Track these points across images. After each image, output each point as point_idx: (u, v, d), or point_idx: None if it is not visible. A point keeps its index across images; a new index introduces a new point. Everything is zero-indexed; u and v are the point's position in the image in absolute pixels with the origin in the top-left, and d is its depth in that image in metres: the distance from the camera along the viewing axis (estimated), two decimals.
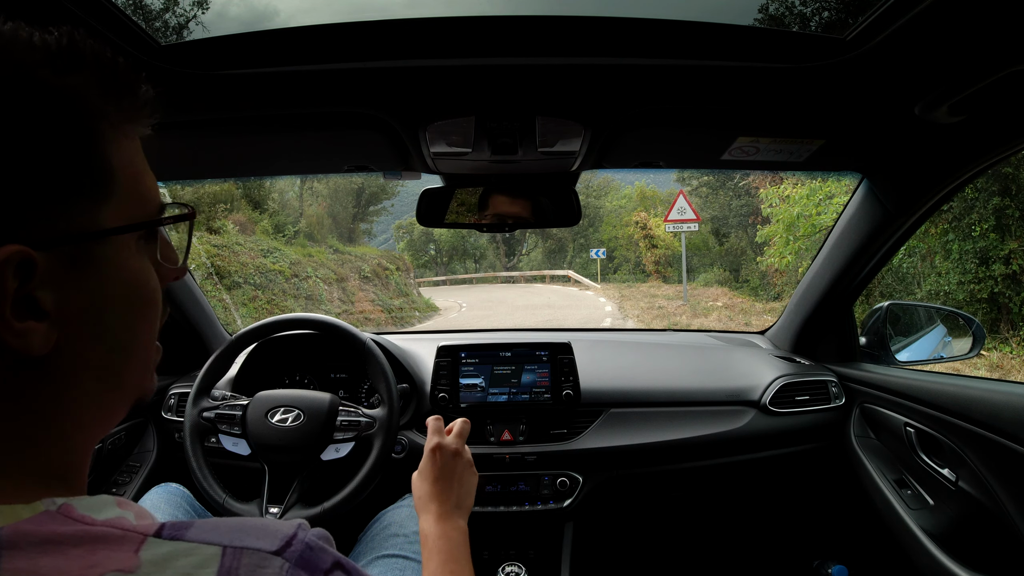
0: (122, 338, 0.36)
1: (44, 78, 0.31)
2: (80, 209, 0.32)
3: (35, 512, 0.30)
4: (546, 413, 1.33)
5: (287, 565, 0.32)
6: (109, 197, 0.34)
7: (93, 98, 0.33)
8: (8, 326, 0.30)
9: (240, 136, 1.01)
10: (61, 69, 0.31)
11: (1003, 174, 6.30)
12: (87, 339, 0.34)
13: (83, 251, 0.33)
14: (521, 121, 0.94)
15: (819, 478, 1.47)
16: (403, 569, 0.92)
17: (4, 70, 0.30)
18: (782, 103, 0.90)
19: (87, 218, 0.33)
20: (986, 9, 0.64)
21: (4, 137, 0.29)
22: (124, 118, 0.35)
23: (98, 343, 0.35)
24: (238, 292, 9.19)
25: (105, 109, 0.33)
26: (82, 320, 0.33)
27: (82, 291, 0.33)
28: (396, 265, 14.92)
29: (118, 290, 0.35)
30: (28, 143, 0.30)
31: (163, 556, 0.31)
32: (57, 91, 0.31)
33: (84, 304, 0.33)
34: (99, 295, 0.34)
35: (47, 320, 0.32)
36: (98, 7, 0.62)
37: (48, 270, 0.31)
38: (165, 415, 1.38)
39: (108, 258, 0.34)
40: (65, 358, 0.33)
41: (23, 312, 0.31)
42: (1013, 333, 6.33)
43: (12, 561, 0.28)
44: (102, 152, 0.33)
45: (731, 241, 18.13)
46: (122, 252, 0.35)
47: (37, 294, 0.31)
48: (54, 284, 0.32)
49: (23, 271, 0.30)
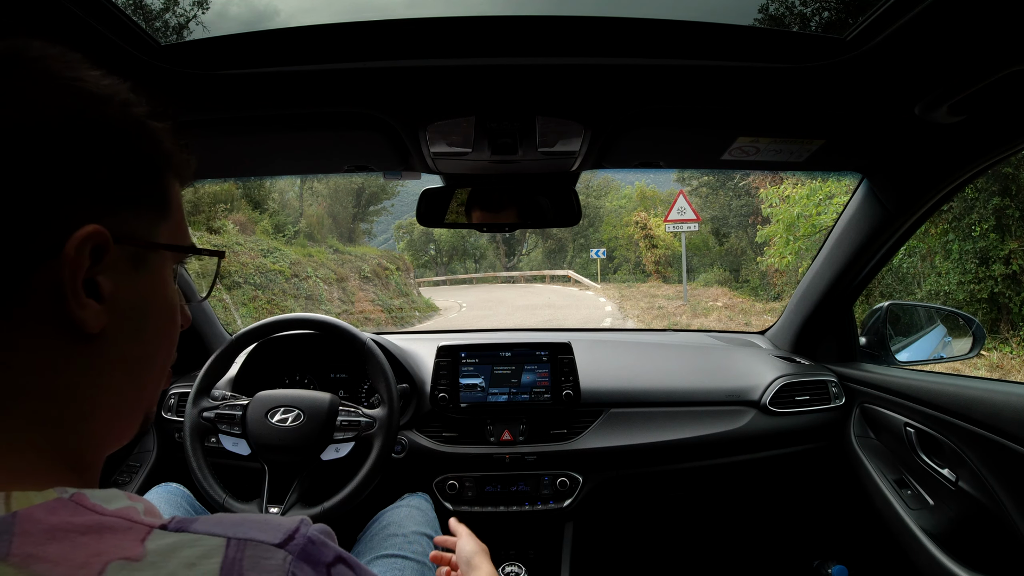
0: (153, 344, 0.41)
1: (141, 116, 0.38)
2: (146, 221, 0.39)
3: (47, 499, 0.31)
4: (546, 413, 1.33)
5: (290, 557, 0.33)
6: (165, 220, 0.40)
7: (167, 142, 0.40)
8: (77, 297, 0.34)
9: (240, 136, 1.01)
10: (151, 115, 0.39)
11: (1003, 174, 6.30)
12: (128, 334, 0.38)
13: (142, 254, 0.38)
14: (521, 121, 0.94)
15: (819, 478, 1.47)
16: (402, 569, 0.93)
17: (114, 96, 0.37)
18: (782, 103, 0.90)
19: (148, 229, 0.39)
20: (986, 9, 0.64)
21: (108, 146, 0.36)
22: (180, 165, 0.42)
23: (135, 343, 0.39)
24: (238, 292, 9.19)
25: (172, 153, 0.40)
26: (128, 316, 0.38)
27: (134, 289, 0.38)
28: (396, 265, 14.93)
29: (158, 301, 0.41)
30: (122, 156, 0.36)
31: (168, 546, 0.31)
32: (149, 128, 0.38)
33: (133, 301, 0.38)
34: (145, 298, 0.39)
35: (103, 304, 0.36)
36: (98, 7, 0.62)
37: (114, 260, 0.36)
38: (165, 415, 1.38)
39: (157, 269, 0.40)
40: (106, 346, 0.37)
41: (86, 290, 0.35)
42: (1013, 333, 6.33)
43: (21, 547, 0.29)
44: (166, 183, 0.40)
45: (731, 241, 18.13)
46: (166, 269, 0.41)
47: (99, 279, 0.35)
48: (115, 274, 0.36)
49: (96, 254, 0.34)
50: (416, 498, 1.17)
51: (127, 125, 0.37)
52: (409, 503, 1.14)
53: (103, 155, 0.35)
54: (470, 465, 1.31)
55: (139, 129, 0.38)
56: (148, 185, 0.39)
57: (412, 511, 1.10)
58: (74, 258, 0.33)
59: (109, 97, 0.36)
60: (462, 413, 1.32)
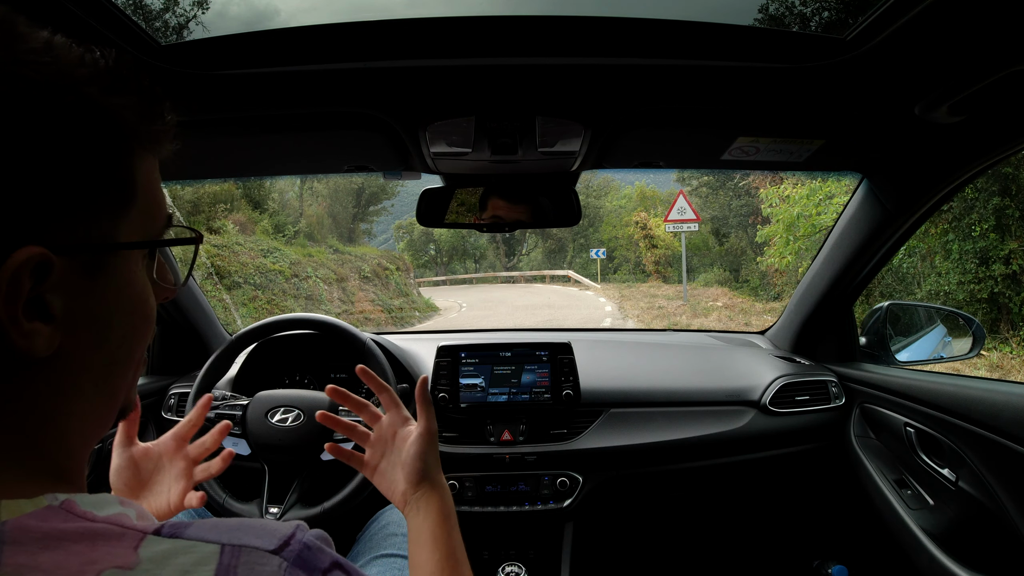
0: (120, 349, 0.37)
1: (91, 95, 0.33)
2: (101, 220, 0.34)
3: (38, 507, 0.31)
4: (546, 413, 1.33)
5: (285, 564, 0.33)
6: (129, 210, 0.36)
7: (130, 119, 0.35)
8: (18, 326, 0.31)
9: (240, 136, 1.01)
10: (107, 89, 0.33)
11: (1003, 174, 6.30)
12: (89, 346, 0.35)
13: (97, 261, 0.34)
14: (521, 121, 0.94)
15: (819, 478, 1.47)
16: (402, 568, 0.93)
17: (56, 82, 0.31)
18: (782, 103, 0.90)
19: (105, 229, 0.34)
20: (986, 9, 0.64)
21: (43, 145, 0.31)
22: (152, 139, 0.37)
23: (98, 351, 0.36)
24: (238, 292, 9.19)
25: (139, 130, 0.36)
26: (86, 327, 0.34)
27: (90, 299, 0.34)
28: (396, 265, 14.93)
29: (123, 303, 0.37)
30: (65, 153, 0.32)
31: (162, 553, 0.31)
32: (102, 109, 0.33)
33: (91, 312, 0.34)
34: (105, 305, 0.35)
35: (53, 323, 0.32)
36: (98, 7, 0.62)
37: (62, 275, 0.32)
38: (165, 415, 1.38)
39: (118, 270, 0.36)
40: (66, 362, 0.34)
41: (31, 313, 0.31)
42: (1013, 333, 6.33)
43: (13, 556, 0.28)
44: (130, 167, 0.36)
45: (731, 241, 18.12)
46: (131, 266, 0.37)
47: (47, 297, 0.32)
48: (65, 289, 0.33)
49: (38, 273, 0.31)
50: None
51: (74, 112, 0.32)
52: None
53: (43, 155, 0.30)
54: (470, 465, 1.31)
55: (90, 113, 0.32)
56: (105, 175, 0.34)
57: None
58: (7, 291, 0.30)
59: (51, 83, 0.31)
60: (462, 413, 1.32)
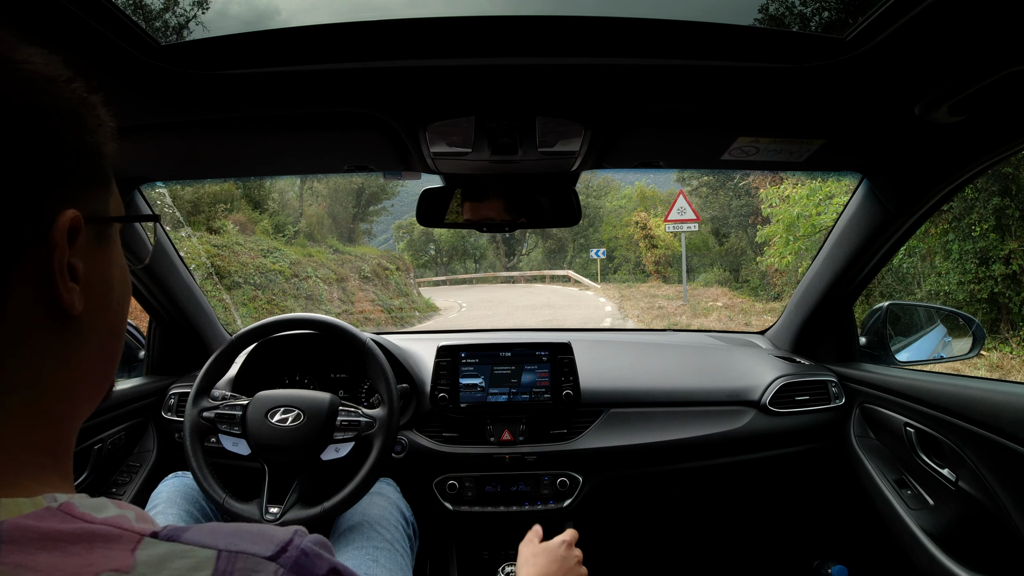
0: (118, 314, 0.41)
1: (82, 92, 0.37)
2: (97, 196, 0.39)
3: (37, 507, 0.31)
4: (546, 413, 1.33)
5: (281, 571, 0.33)
6: (111, 191, 0.40)
7: (103, 113, 0.39)
8: (65, 281, 0.34)
9: (240, 136, 1.01)
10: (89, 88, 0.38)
11: (1003, 174, 6.30)
12: (100, 309, 0.39)
13: (103, 231, 0.39)
14: (521, 121, 0.94)
15: (819, 478, 1.47)
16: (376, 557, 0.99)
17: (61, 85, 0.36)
18: (782, 103, 0.89)
19: (101, 204, 0.39)
20: (986, 9, 0.64)
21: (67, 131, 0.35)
22: (112, 133, 0.41)
23: (105, 315, 0.40)
24: (238, 292, 9.19)
25: (107, 122, 0.39)
26: (97, 292, 0.38)
27: (100, 265, 0.39)
28: (396, 265, 14.92)
29: (117, 272, 0.41)
30: (79, 138, 0.36)
31: (158, 557, 0.31)
32: (92, 104, 0.38)
33: (101, 277, 0.39)
34: (109, 271, 0.40)
35: (79, 285, 0.36)
36: (98, 7, 0.62)
37: (84, 242, 0.36)
38: (165, 415, 1.38)
39: (113, 242, 0.41)
40: (84, 324, 0.37)
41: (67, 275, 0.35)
42: (1013, 333, 6.33)
43: (11, 555, 0.28)
44: (104, 154, 0.39)
45: (731, 241, 18.12)
46: (117, 240, 0.42)
47: (72, 261, 0.35)
48: (85, 254, 0.37)
49: (71, 238, 0.35)
50: (379, 484, 1.21)
51: (76, 105, 0.36)
52: (380, 490, 1.17)
53: (65, 138, 0.35)
54: (470, 465, 1.31)
55: (85, 107, 0.37)
56: (97, 161, 0.38)
57: (385, 500, 1.15)
58: (59, 244, 0.34)
59: (55, 78, 0.35)
60: (462, 413, 1.32)
